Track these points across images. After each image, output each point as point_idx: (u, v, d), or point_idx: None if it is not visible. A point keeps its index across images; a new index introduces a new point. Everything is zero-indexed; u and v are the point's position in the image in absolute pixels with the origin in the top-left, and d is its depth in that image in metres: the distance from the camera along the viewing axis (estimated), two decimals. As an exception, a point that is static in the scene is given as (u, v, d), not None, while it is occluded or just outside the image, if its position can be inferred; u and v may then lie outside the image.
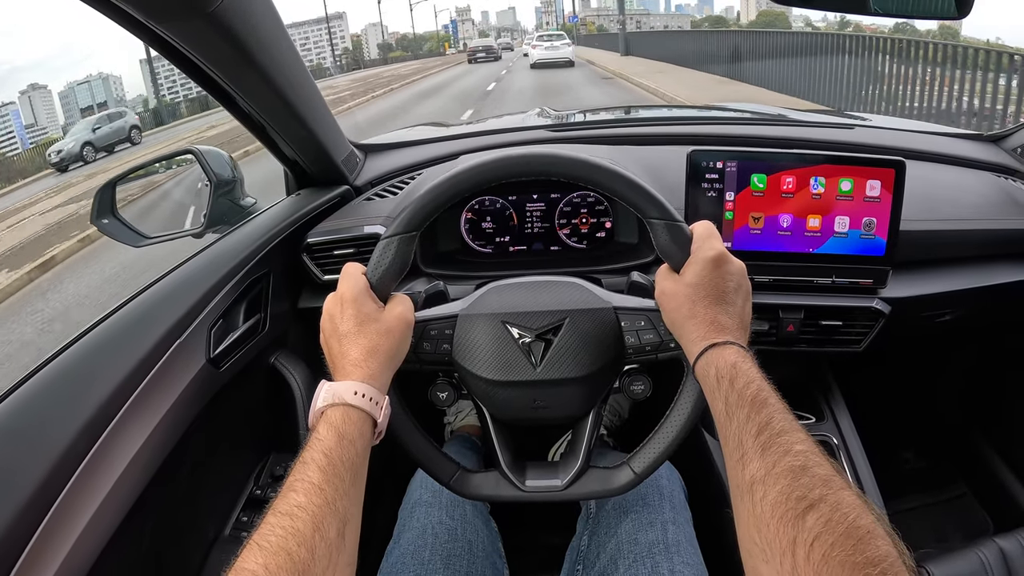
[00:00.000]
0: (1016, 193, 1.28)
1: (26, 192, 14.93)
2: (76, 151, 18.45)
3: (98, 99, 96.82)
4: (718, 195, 1.07)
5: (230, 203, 1.30)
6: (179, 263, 1.03)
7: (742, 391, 0.61)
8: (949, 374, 1.73)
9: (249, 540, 0.52)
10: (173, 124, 27.43)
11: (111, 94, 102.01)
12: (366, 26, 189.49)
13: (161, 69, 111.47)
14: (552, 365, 0.79)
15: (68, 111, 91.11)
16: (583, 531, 0.98)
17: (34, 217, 10.36)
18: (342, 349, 0.71)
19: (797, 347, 1.16)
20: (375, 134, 1.72)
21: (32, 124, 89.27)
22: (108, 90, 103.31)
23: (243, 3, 0.83)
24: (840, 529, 0.47)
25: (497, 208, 1.27)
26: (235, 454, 1.11)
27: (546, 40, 26.07)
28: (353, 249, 1.19)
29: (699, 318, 0.70)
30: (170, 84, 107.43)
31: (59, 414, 0.73)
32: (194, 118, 27.46)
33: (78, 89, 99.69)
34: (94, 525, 0.69)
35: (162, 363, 0.85)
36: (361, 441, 0.64)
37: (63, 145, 18.94)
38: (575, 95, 14.23)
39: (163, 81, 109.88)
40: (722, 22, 73.00)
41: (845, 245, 1.07)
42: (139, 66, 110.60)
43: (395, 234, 0.76)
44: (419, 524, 0.95)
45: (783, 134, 1.49)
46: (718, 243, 0.74)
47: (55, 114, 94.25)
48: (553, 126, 1.61)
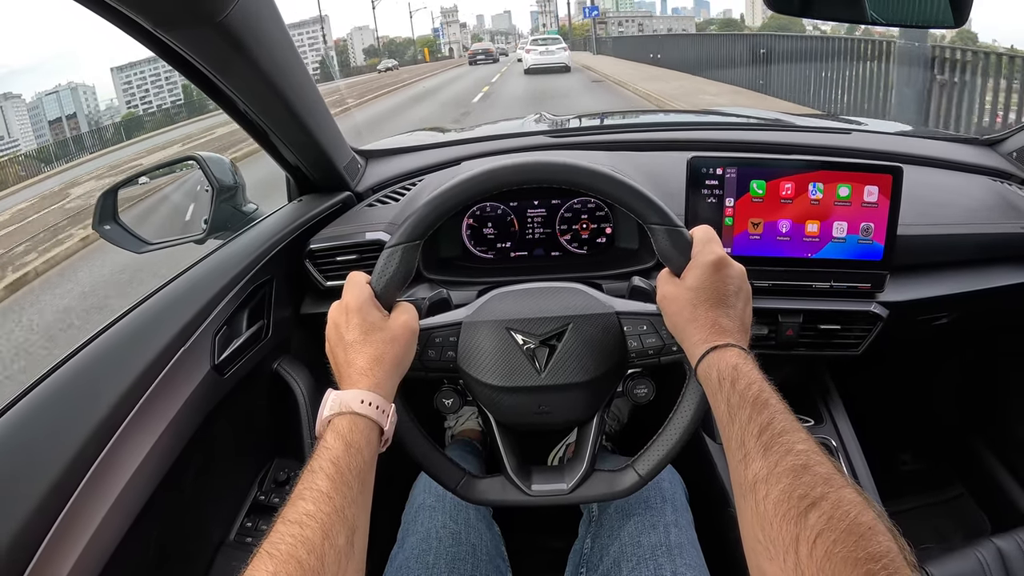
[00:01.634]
0: (1012, 197, 1.29)
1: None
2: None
3: (67, 111, 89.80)
4: (718, 201, 1.08)
5: (232, 209, 1.30)
6: (183, 270, 1.03)
7: (744, 392, 0.62)
8: (946, 376, 1.74)
9: (259, 548, 0.53)
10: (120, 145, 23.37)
11: (81, 106, 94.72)
12: (352, 30, 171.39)
13: (133, 78, 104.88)
14: (556, 370, 0.80)
15: (37, 124, 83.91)
16: (586, 534, 0.99)
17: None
18: (348, 358, 0.71)
19: (796, 351, 1.16)
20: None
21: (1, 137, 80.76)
22: (78, 101, 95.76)
23: (251, 12, 0.84)
24: (842, 526, 0.48)
25: (499, 214, 1.28)
26: (239, 460, 1.12)
27: (540, 44, 25.91)
28: (355, 255, 1.20)
29: (700, 321, 0.71)
30: (143, 94, 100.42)
31: (67, 421, 0.73)
32: (154, 134, 24.79)
33: (46, 100, 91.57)
34: (102, 531, 0.70)
35: (167, 370, 0.85)
36: (368, 449, 0.65)
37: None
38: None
39: (135, 91, 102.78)
40: (733, 25, 68.06)
41: (843, 250, 1.08)
42: (111, 75, 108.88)
43: (399, 243, 0.77)
44: (423, 528, 0.95)
45: (781, 139, 1.50)
46: (718, 247, 0.75)
47: (28, 126, 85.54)
48: (552, 132, 1.62)
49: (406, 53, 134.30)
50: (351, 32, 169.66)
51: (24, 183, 16.72)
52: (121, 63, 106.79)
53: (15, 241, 7.98)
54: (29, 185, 16.11)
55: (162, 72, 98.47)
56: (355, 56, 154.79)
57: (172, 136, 19.03)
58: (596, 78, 19.22)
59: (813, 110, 9.05)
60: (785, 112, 2.00)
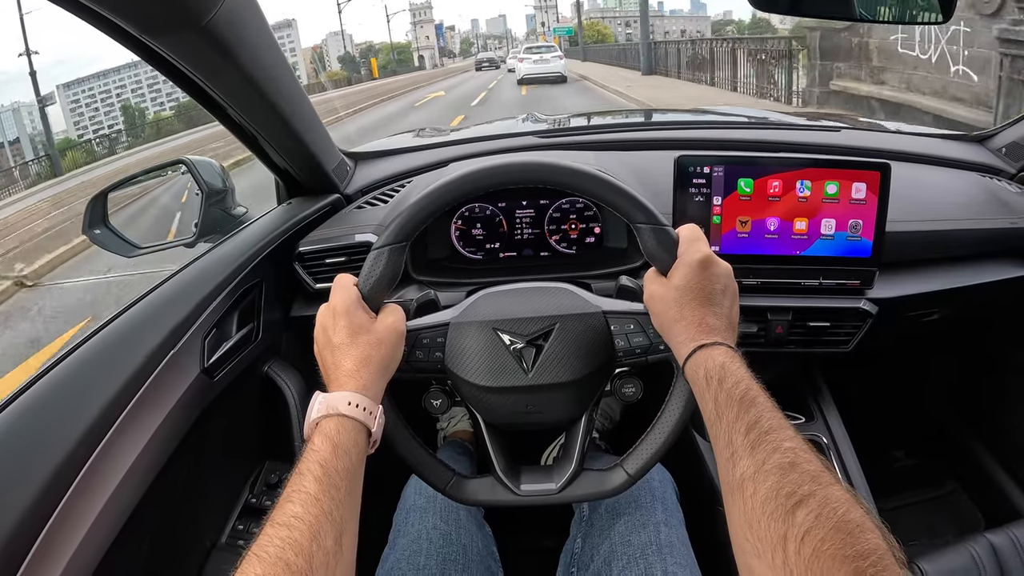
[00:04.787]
0: (1001, 192, 1.30)
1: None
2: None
3: (9, 135, 74.11)
4: (705, 199, 1.08)
5: (221, 212, 1.30)
6: (172, 272, 1.03)
7: (731, 390, 0.62)
8: (937, 372, 1.75)
9: (247, 551, 0.53)
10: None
11: (24, 129, 77.58)
12: (327, 35, 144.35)
13: (82, 95, 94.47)
14: (544, 370, 0.80)
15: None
16: (577, 534, 0.99)
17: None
18: (335, 360, 0.71)
19: (786, 348, 1.17)
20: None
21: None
22: (20, 123, 79.73)
23: (235, 16, 0.83)
24: (830, 523, 0.48)
25: (487, 215, 1.28)
26: (230, 463, 1.12)
27: (534, 53, 23.70)
28: (345, 257, 1.20)
29: (687, 320, 0.71)
30: (92, 112, 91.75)
31: (56, 426, 0.73)
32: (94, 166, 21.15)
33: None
34: (92, 536, 0.70)
35: (157, 373, 0.85)
36: (356, 451, 0.65)
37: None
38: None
39: (84, 110, 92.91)
40: (762, 26, 60.03)
41: (832, 247, 1.08)
42: (57, 93, 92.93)
43: (385, 244, 0.77)
44: (414, 530, 0.95)
45: (769, 137, 1.51)
46: (704, 246, 0.75)
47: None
48: (542, 132, 1.62)
49: (363, 66, 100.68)
50: (326, 38, 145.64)
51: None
52: (68, 79, 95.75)
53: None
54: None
55: (112, 88, 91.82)
56: (330, 64, 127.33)
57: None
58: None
59: (801, 108, 9.07)
60: (773, 110, 2.01)
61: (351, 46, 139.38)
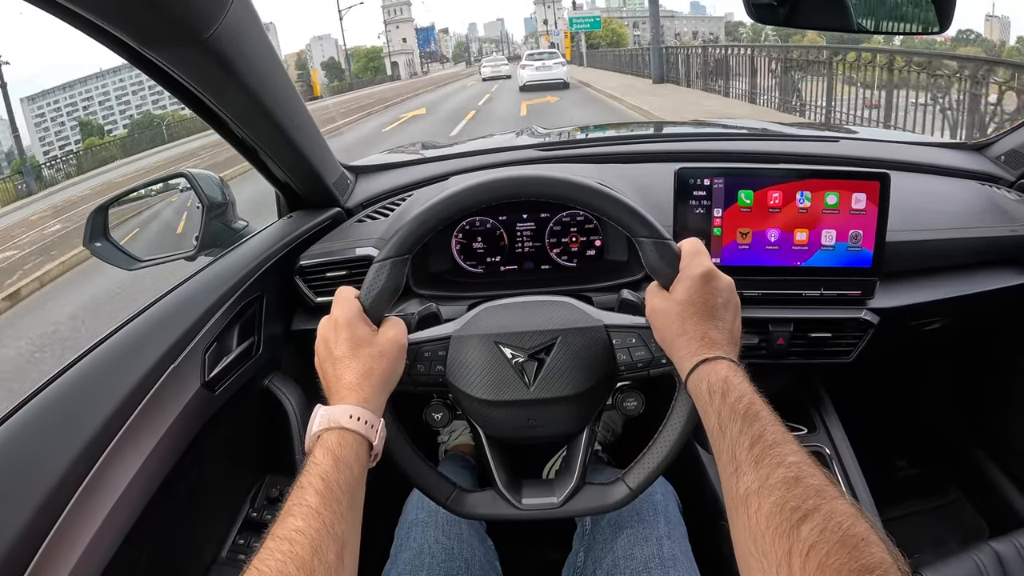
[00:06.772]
0: (1000, 200, 1.30)
1: None
2: None
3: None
4: (706, 211, 1.08)
5: (222, 226, 1.30)
6: (173, 286, 1.03)
7: (734, 405, 0.62)
8: (939, 381, 1.75)
9: (248, 565, 0.53)
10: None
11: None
12: (311, 40, 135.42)
13: (47, 108, 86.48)
14: (545, 384, 0.80)
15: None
16: (579, 547, 0.98)
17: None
18: (337, 373, 0.71)
19: (788, 359, 1.16)
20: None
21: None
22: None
23: (237, 30, 0.84)
24: (835, 538, 0.47)
25: (488, 228, 1.28)
26: (230, 477, 1.11)
27: (536, 59, 23.53)
28: (346, 271, 1.19)
29: (690, 334, 0.71)
30: (58, 127, 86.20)
31: (57, 439, 0.73)
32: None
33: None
34: (92, 551, 0.69)
35: (157, 387, 0.85)
36: (357, 464, 0.65)
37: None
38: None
39: (49, 124, 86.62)
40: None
41: (832, 258, 1.08)
42: (21, 106, 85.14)
43: (387, 257, 0.77)
44: (416, 544, 0.95)
45: (769, 148, 1.51)
46: (706, 260, 0.75)
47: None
48: (541, 145, 1.62)
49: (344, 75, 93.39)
50: (310, 43, 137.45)
51: None
52: (32, 92, 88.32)
53: None
54: None
55: (78, 100, 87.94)
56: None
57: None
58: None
59: (801, 119, 9.07)
60: (773, 121, 2.02)
61: (336, 51, 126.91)
